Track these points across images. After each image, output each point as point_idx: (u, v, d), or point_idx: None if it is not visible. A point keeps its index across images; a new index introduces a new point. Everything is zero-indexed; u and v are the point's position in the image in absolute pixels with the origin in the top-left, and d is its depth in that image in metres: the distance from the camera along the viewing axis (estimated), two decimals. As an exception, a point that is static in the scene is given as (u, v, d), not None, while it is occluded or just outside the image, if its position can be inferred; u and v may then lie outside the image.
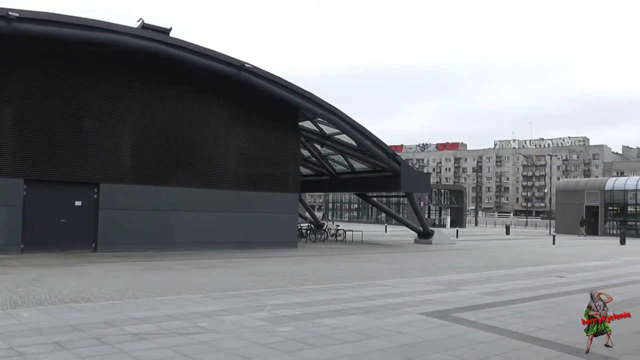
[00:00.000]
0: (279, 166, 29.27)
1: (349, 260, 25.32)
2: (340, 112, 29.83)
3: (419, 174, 45.27)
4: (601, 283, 18.77)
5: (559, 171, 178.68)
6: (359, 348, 8.73)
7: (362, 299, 13.46)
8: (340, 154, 37.66)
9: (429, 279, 18.22)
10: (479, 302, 13.79)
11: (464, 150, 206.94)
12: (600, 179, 78.30)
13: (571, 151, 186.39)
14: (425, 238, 37.56)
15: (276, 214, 28.80)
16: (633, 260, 29.41)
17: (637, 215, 62.59)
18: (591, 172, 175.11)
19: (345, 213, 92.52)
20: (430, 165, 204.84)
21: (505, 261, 26.35)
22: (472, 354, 8.68)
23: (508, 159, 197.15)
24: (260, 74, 26.78)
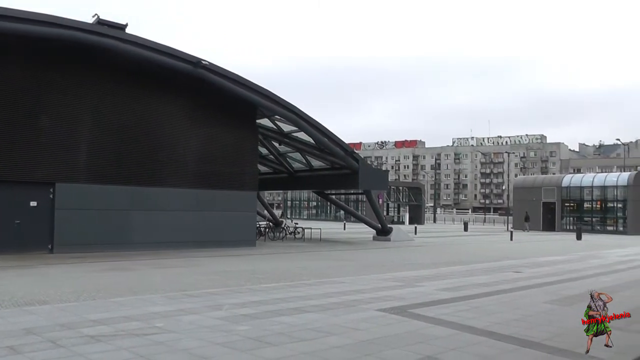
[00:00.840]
0: (236, 164, 29.12)
1: (307, 258, 25.31)
2: (298, 109, 29.81)
3: (377, 172, 45.38)
4: (557, 278, 19.09)
5: (516, 168, 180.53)
6: (316, 345, 8.74)
7: (320, 296, 13.49)
8: (299, 152, 37.65)
9: (387, 275, 18.28)
10: (436, 298, 13.88)
11: (422, 148, 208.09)
12: (557, 176, 79.40)
13: (529, 149, 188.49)
14: (384, 235, 37.69)
15: (234, 213, 28.67)
16: (588, 255, 29.83)
17: (593, 211, 63.68)
18: (548, 169, 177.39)
19: (304, 211, 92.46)
20: (388, 162, 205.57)
21: (463, 257, 26.55)
22: (429, 349, 8.72)
23: (466, 157, 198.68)
24: (217, 71, 26.64)
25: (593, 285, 17.12)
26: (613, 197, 62.11)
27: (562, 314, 12.45)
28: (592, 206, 63.99)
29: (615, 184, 61.53)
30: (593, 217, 63.34)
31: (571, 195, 64.28)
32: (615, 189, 61.60)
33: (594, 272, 21.36)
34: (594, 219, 63.06)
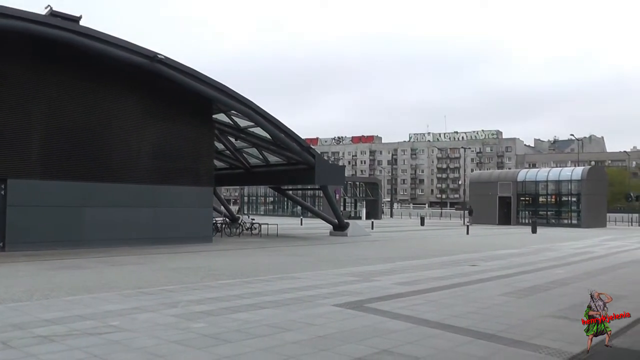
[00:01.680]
0: (192, 160, 28.95)
1: (264, 254, 25.24)
2: (254, 104, 29.71)
3: (333, 167, 45.51)
4: (512, 270, 19.30)
5: (472, 163, 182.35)
6: (272, 341, 8.72)
7: (276, 292, 13.46)
8: (255, 147, 37.53)
9: (343, 270, 18.31)
10: (392, 292, 13.94)
11: (379, 143, 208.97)
12: (513, 171, 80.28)
13: (485, 144, 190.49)
14: (341, 230, 37.75)
15: (190, 209, 28.50)
16: (543, 248, 30.19)
17: (548, 205, 64.72)
18: (504, 164, 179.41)
19: (261, 206, 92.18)
20: (345, 158, 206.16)
21: (420, 251, 26.69)
22: (385, 343, 8.75)
23: (423, 152, 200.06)
24: (173, 65, 26.44)
25: (547, 277, 17.50)
26: (567, 191, 63.19)
27: (517, 305, 12.61)
28: (547, 200, 65.07)
29: (569, 179, 62.52)
30: (548, 210, 64.41)
31: (526, 189, 65.11)
32: (569, 183, 62.59)
33: (548, 265, 21.63)
34: (549, 213, 64.11)
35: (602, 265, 22.05)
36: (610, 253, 27.94)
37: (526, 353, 8.58)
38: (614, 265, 22.47)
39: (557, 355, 8.46)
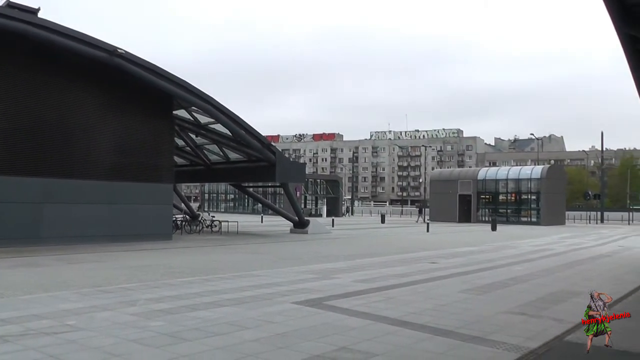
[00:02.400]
0: (152, 156, 28.70)
1: (224, 251, 25.15)
2: (215, 100, 29.58)
3: (294, 164, 45.51)
4: (472, 267, 19.45)
5: (433, 162, 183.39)
6: (231, 340, 8.69)
7: (235, 290, 13.41)
8: (216, 144, 37.39)
9: (303, 268, 18.31)
10: (352, 289, 13.96)
11: (340, 141, 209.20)
12: (473, 169, 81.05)
13: (445, 142, 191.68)
14: (301, 228, 37.74)
15: (150, 206, 28.27)
16: (503, 245, 30.50)
17: (508, 203, 65.52)
18: (465, 162, 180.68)
19: (222, 204, 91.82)
20: (306, 155, 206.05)
21: (380, 249, 26.79)
22: (343, 340, 8.78)
23: (384, 150, 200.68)
24: (133, 60, 26.19)
25: (506, 274, 17.68)
26: (527, 189, 64.00)
27: (476, 302, 12.73)
28: (507, 198, 65.89)
29: (529, 177, 63.32)
30: (508, 208, 65.24)
31: (487, 187, 65.82)
32: (529, 181, 63.38)
33: (507, 262, 21.86)
34: (508, 211, 64.91)
35: (561, 262, 22.34)
36: (568, 250, 28.32)
37: (484, 349, 8.67)
38: (572, 262, 22.77)
39: (514, 351, 8.56)
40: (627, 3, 17.00)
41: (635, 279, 17.61)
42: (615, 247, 31.38)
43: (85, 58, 25.19)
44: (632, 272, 19.87)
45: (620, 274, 19.31)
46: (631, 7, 17.14)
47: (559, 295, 14.07)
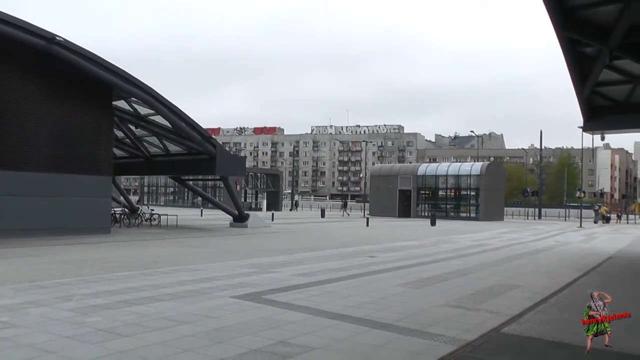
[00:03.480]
0: (91, 147, 28.18)
1: (163, 245, 24.93)
2: (155, 92, 29.26)
3: (234, 158, 45.39)
4: (410, 262, 19.64)
5: (374, 157, 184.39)
6: (169, 335, 8.61)
7: (174, 284, 13.30)
8: (156, 136, 36.97)
9: (242, 262, 18.23)
10: (290, 283, 13.98)
11: (281, 135, 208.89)
12: (413, 165, 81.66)
13: (386, 138, 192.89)
14: (241, 221, 37.59)
15: (88, 198, 27.79)
16: (441, 240, 30.84)
17: (448, 199, 66.09)
18: (405, 158, 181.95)
19: (162, 197, 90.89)
20: (247, 149, 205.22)
21: (319, 243, 26.85)
22: (282, 335, 8.78)
23: (325, 144, 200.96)
24: (72, 48, 25.66)
25: (444, 268, 17.89)
26: (467, 185, 64.79)
27: (414, 295, 12.87)
28: (446, 194, 66.44)
29: (468, 173, 64.10)
30: (447, 204, 65.90)
31: (426, 183, 66.37)
32: (468, 177, 64.14)
33: (445, 256, 22.11)
34: (448, 206, 65.63)
35: (498, 257, 22.71)
36: (506, 245, 28.77)
37: (421, 341, 8.77)
38: (510, 256, 23.17)
39: (451, 343, 8.67)
40: (566, 7, 17.33)
41: (570, 274, 17.99)
42: (551, 243, 31.99)
43: (21, 45, 24.56)
44: (567, 266, 20.28)
45: (555, 268, 19.73)
46: (570, 10, 17.50)
47: (496, 289, 14.30)
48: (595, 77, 21.56)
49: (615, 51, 18.23)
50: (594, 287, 15.03)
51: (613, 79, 22.21)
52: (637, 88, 23.43)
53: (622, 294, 14.41)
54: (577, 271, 18.76)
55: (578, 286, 15.48)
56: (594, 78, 21.62)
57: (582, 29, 18.28)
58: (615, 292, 14.76)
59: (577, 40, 19.36)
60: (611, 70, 20.92)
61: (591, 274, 18.40)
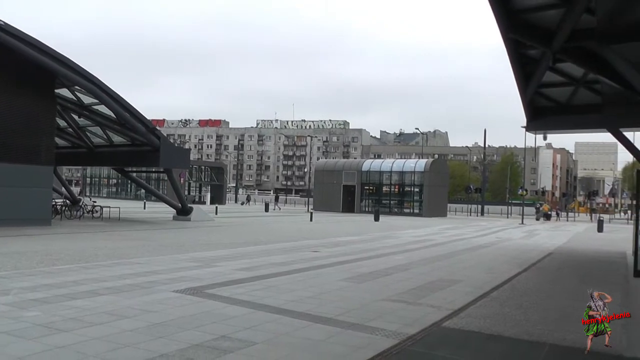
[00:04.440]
0: (32, 136, 27.60)
1: (104, 238, 24.55)
2: (99, 80, 28.84)
3: (179, 150, 45.02)
4: (353, 257, 19.72)
5: (319, 152, 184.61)
6: (108, 330, 8.51)
7: (115, 278, 13.13)
8: (99, 126, 36.44)
9: (184, 256, 18.14)
10: (233, 277, 13.94)
11: (226, 128, 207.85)
12: (358, 161, 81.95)
13: (332, 133, 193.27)
14: (184, 215, 37.33)
15: (28, 189, 27.26)
16: (384, 235, 31.05)
17: (391, 195, 66.53)
18: (350, 154, 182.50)
19: (104, 188, 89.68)
20: (192, 141, 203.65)
21: (262, 237, 26.79)
22: (223, 329, 8.77)
23: (270, 139, 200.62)
24: (13, 33, 25.08)
25: (387, 263, 18.01)
26: (410, 181, 65.21)
27: (355, 290, 12.97)
28: (390, 190, 66.91)
29: (413, 170, 64.58)
30: (391, 200, 66.30)
31: (371, 179, 66.61)
32: (412, 174, 64.60)
33: (388, 252, 22.29)
34: (392, 202, 65.98)
35: (440, 252, 22.96)
36: (448, 241, 29.12)
37: (363, 335, 8.85)
38: (452, 252, 23.46)
39: (393, 337, 8.77)
40: (511, 9, 17.59)
41: (510, 269, 18.33)
42: (493, 239, 32.45)
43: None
44: (508, 262, 20.61)
45: (497, 264, 20.04)
46: (515, 13, 17.76)
47: (437, 284, 14.48)
48: (538, 79, 21.92)
49: (558, 54, 18.56)
50: (533, 282, 15.47)
51: (556, 80, 22.64)
52: (578, 90, 23.93)
53: (560, 289, 14.82)
54: (518, 267, 19.12)
55: (518, 281, 15.81)
56: (538, 79, 21.98)
57: (527, 32, 18.57)
58: (554, 286, 15.23)
59: (521, 42, 19.66)
60: (554, 72, 21.31)
61: (531, 270, 18.79)
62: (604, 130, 25.85)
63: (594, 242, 34.20)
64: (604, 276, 18.15)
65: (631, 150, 24.77)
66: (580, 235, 40.93)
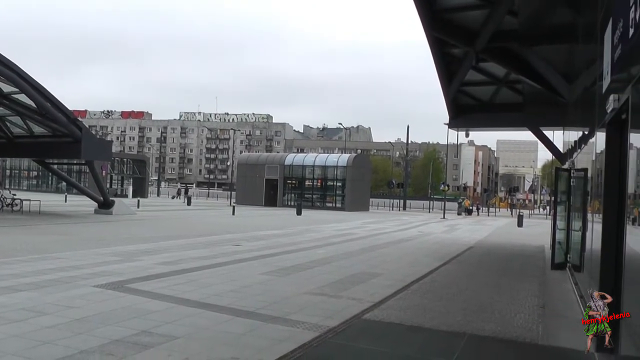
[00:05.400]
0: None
1: (24, 232, 24.04)
2: (19, 68, 28.20)
3: (101, 142, 44.20)
4: (275, 250, 19.83)
5: (242, 145, 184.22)
6: (28, 327, 8.38)
7: (34, 273, 12.89)
8: (19, 116, 35.59)
9: (106, 250, 17.91)
10: (154, 272, 13.88)
11: (149, 120, 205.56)
12: (281, 155, 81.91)
13: (255, 127, 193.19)
14: (106, 208, 36.79)
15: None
16: (307, 229, 31.18)
17: (314, 189, 66.74)
18: (273, 147, 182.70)
19: (24, 181, 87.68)
20: (114, 133, 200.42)
21: (185, 231, 26.65)
22: (144, 324, 8.75)
23: (193, 131, 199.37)
24: None
25: (308, 257, 18.17)
26: (333, 176, 65.67)
27: (277, 284, 13.09)
28: (313, 184, 67.11)
29: (335, 164, 65.12)
30: (314, 194, 66.52)
31: (293, 173, 66.80)
32: (335, 168, 65.08)
33: (310, 245, 22.44)
34: (314, 196, 66.22)
35: (362, 246, 23.22)
36: (370, 235, 29.41)
37: (284, 328, 8.97)
38: (373, 245, 23.76)
39: (313, 330, 8.89)
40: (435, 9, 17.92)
41: (431, 262, 18.70)
42: (415, 233, 32.95)
43: None
44: (429, 255, 21.00)
45: (418, 257, 20.42)
46: (439, 12, 18.10)
47: (358, 277, 14.68)
48: (461, 77, 22.39)
49: (481, 54, 19.01)
50: (453, 274, 15.84)
51: (479, 79, 23.17)
52: (501, 89, 24.57)
53: (479, 281, 15.22)
54: (439, 260, 19.50)
55: (439, 274, 16.17)
56: (461, 78, 22.45)
57: (451, 31, 18.97)
58: (474, 279, 15.63)
59: (446, 41, 20.04)
60: (477, 71, 21.82)
61: (452, 263, 19.22)
62: (525, 128, 26.60)
63: (514, 236, 35.05)
64: (523, 269, 18.68)
65: (550, 149, 25.52)
66: (501, 229, 41.89)
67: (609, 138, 8.15)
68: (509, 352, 8.56)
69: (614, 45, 7.22)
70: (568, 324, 10.48)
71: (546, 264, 19.55)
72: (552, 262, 18.47)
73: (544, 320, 10.63)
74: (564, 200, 17.64)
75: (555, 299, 13.23)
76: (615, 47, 7.10)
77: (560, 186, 18.55)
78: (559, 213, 19.04)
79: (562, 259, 18.04)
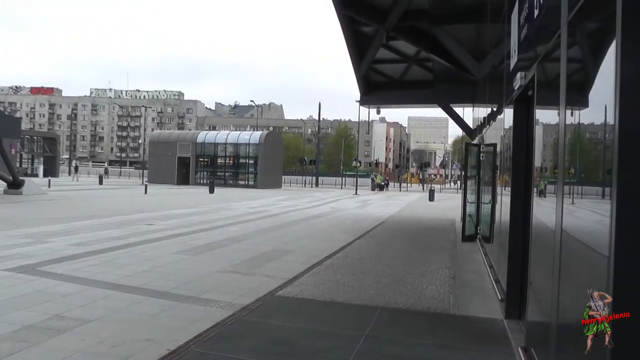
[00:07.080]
0: None
1: None
2: None
3: (9, 118, 43.18)
4: (188, 229, 19.74)
5: (154, 123, 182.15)
6: None
7: (-61, 257, 12.55)
8: None
9: (16, 232, 17.44)
10: (66, 253, 13.60)
11: (59, 97, 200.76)
12: (193, 132, 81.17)
13: (166, 104, 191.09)
14: (15, 188, 35.90)
15: None
16: (219, 207, 31.07)
17: (227, 167, 66.36)
18: (185, 125, 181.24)
19: None
20: (23, 110, 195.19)
21: (97, 211, 26.17)
22: (57, 308, 8.59)
23: (104, 109, 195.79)
24: None
25: (222, 235, 18.18)
26: (245, 154, 65.43)
27: (190, 263, 13.06)
28: (225, 162, 66.66)
29: (247, 142, 64.87)
30: (226, 172, 66.21)
31: (205, 151, 66.25)
32: (247, 146, 64.86)
33: (223, 223, 22.38)
34: (227, 174, 65.97)
35: (275, 223, 23.29)
36: (282, 212, 29.50)
37: (198, 307, 8.99)
38: (285, 222, 23.87)
39: (227, 308, 8.94)
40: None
41: (344, 238, 18.93)
42: (327, 209, 33.19)
43: None
44: (342, 231, 21.26)
45: (331, 233, 20.65)
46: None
47: (271, 254, 14.76)
48: (372, 55, 22.61)
49: (391, 32, 19.22)
50: (366, 249, 16.07)
51: (390, 57, 23.42)
52: (411, 67, 24.90)
53: (392, 255, 15.52)
54: (352, 235, 19.77)
55: (352, 249, 16.40)
56: (371, 56, 22.66)
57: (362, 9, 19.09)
58: (386, 253, 15.91)
59: (356, 20, 20.17)
60: (388, 49, 22.06)
61: (364, 237, 19.49)
62: (435, 105, 27.06)
63: (426, 210, 35.73)
64: (434, 241, 19.11)
65: (460, 125, 26.04)
66: (413, 204, 42.57)
67: (517, 114, 8.40)
68: (422, 323, 8.73)
69: (520, 25, 7.43)
70: (478, 293, 10.85)
71: (457, 237, 20.05)
72: (462, 235, 18.95)
73: (454, 290, 10.95)
74: (474, 174, 18.04)
75: (465, 269, 13.59)
76: (521, 26, 7.31)
77: (470, 161, 19.00)
78: (469, 187, 19.53)
79: (473, 231, 18.51)
